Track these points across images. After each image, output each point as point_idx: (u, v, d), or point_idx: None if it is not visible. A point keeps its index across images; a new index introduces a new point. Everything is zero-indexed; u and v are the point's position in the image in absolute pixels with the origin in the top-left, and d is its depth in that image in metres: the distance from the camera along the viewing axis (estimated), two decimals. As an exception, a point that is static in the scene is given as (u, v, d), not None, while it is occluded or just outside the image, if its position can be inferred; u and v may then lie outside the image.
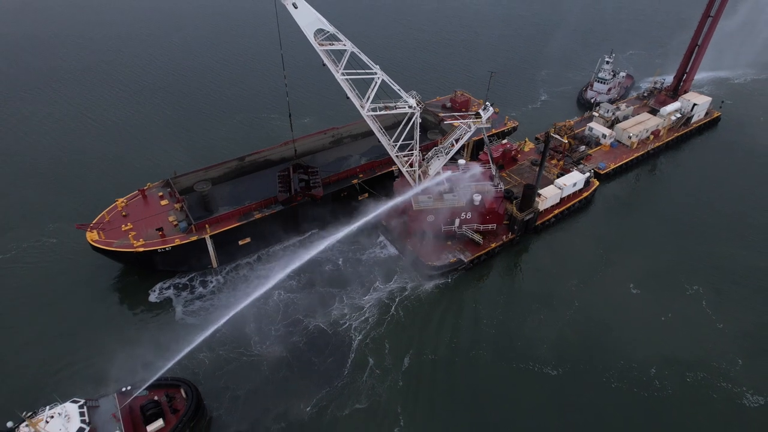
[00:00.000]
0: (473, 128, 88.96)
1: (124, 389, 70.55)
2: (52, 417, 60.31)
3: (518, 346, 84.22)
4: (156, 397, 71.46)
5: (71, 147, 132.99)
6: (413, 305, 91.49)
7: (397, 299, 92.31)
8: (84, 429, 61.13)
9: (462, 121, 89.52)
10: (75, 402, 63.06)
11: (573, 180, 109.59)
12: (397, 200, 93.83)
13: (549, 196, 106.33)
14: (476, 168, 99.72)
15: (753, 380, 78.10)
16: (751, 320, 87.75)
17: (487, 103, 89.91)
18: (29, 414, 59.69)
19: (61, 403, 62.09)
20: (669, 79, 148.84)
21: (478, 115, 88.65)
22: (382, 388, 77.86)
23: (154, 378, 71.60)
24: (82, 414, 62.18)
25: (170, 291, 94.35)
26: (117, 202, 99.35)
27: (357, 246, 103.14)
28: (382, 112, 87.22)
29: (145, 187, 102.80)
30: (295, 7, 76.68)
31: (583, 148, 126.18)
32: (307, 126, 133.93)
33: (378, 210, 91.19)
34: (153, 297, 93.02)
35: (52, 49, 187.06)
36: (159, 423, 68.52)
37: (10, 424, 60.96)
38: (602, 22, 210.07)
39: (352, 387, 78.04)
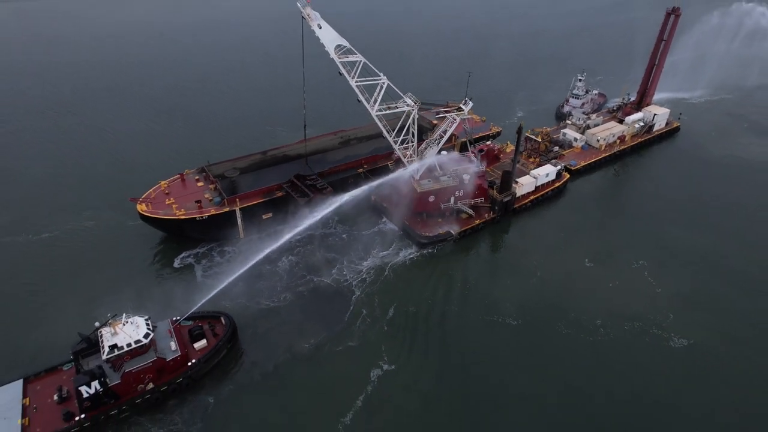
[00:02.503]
0: (458, 119, 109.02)
1: (174, 318, 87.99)
2: (127, 323, 77.62)
3: (486, 303, 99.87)
4: (200, 324, 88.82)
5: (109, 146, 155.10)
6: (403, 269, 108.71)
7: (390, 264, 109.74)
8: (149, 334, 78.37)
9: (448, 114, 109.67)
10: (142, 316, 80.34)
11: (546, 171, 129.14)
12: (387, 178, 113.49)
13: (525, 183, 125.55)
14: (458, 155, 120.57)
15: (680, 329, 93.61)
16: (685, 285, 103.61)
17: (466, 98, 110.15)
18: (112, 317, 77.22)
19: (133, 316, 79.46)
20: (634, 97, 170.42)
21: (460, 109, 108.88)
22: (371, 331, 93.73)
23: (191, 311, 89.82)
24: (147, 325, 79.31)
25: (191, 259, 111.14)
26: (160, 184, 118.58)
27: (360, 225, 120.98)
28: (386, 112, 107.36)
29: (183, 172, 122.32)
30: (320, 28, 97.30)
31: (556, 148, 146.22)
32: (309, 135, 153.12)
33: (371, 184, 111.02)
34: (176, 263, 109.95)
35: (95, 67, 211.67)
36: (203, 342, 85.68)
37: (97, 323, 78.09)
38: (575, 53, 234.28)
39: (347, 330, 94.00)
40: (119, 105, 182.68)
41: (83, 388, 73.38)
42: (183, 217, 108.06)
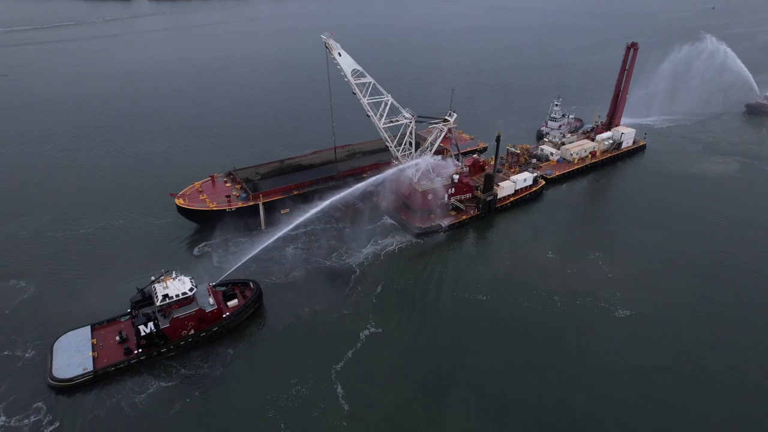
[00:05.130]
0: (445, 129, 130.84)
1: (211, 283, 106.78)
2: (175, 279, 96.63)
3: (461, 284, 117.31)
4: (233, 288, 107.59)
5: (139, 160, 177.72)
6: (396, 255, 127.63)
7: (385, 251, 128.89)
8: (193, 288, 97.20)
9: (436, 125, 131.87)
10: (187, 276, 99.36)
11: (524, 177, 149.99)
12: (385, 173, 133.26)
13: (505, 187, 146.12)
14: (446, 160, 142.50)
15: (624, 303, 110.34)
16: (633, 271, 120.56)
17: (450, 111, 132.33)
18: (165, 272, 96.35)
19: (180, 275, 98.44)
20: (605, 119, 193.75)
21: (446, 120, 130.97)
22: (364, 302, 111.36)
23: (222, 277, 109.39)
24: (191, 282, 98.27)
25: (208, 248, 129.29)
26: (194, 184, 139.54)
27: (363, 221, 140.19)
28: (389, 124, 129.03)
29: (213, 175, 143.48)
30: (340, 55, 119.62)
31: (534, 161, 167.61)
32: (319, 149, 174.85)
33: (371, 179, 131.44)
34: (196, 251, 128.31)
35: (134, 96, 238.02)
36: (235, 301, 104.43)
37: (153, 277, 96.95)
38: (554, 85, 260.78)
39: (344, 301, 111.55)
40: (152, 127, 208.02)
41: (141, 327, 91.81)
42: (215, 208, 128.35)
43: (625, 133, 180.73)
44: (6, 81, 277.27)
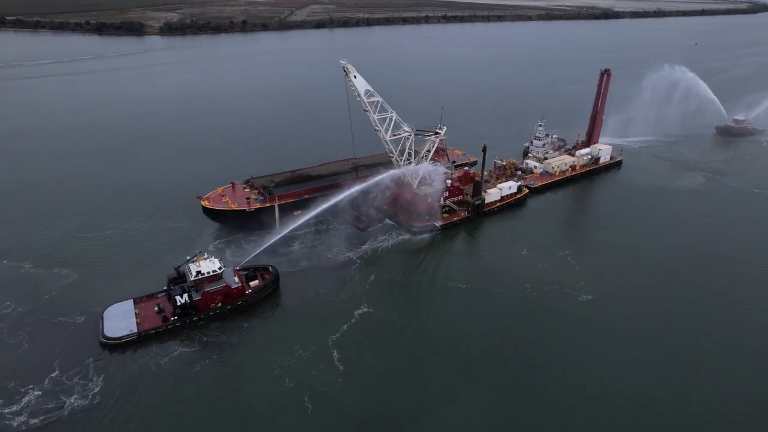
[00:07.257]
0: (437, 140, 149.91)
1: (236, 267, 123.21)
2: (206, 259, 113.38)
3: (445, 275, 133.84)
4: (254, 271, 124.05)
5: (160, 172, 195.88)
6: (392, 250, 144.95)
7: (382, 246, 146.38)
8: (222, 268, 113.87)
9: (430, 137, 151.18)
10: (217, 258, 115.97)
11: (509, 185, 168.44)
12: (383, 175, 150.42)
13: (492, 193, 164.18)
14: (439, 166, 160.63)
15: (588, 290, 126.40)
16: (598, 265, 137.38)
17: (440, 125, 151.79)
18: (198, 252, 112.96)
19: (211, 257, 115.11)
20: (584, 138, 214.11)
21: (437, 132, 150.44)
22: (359, 288, 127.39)
23: (243, 263, 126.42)
24: (220, 263, 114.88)
25: (222, 245, 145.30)
26: (216, 189, 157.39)
27: (366, 222, 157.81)
28: (393, 137, 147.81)
29: (234, 182, 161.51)
30: (355, 78, 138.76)
31: (519, 173, 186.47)
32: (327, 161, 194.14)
33: (371, 180, 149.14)
34: (210, 248, 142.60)
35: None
36: (256, 282, 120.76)
37: (188, 257, 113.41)
38: (541, 111, 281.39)
39: (343, 287, 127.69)
40: (167, 146, 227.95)
41: (177, 297, 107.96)
42: (237, 208, 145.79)
43: (603, 149, 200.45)
44: (31, 109, 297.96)
